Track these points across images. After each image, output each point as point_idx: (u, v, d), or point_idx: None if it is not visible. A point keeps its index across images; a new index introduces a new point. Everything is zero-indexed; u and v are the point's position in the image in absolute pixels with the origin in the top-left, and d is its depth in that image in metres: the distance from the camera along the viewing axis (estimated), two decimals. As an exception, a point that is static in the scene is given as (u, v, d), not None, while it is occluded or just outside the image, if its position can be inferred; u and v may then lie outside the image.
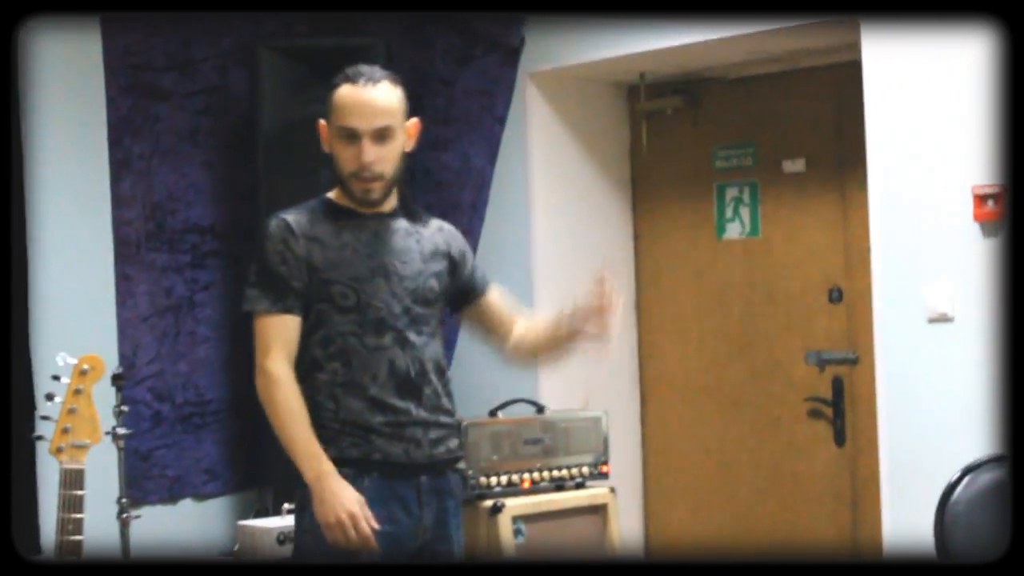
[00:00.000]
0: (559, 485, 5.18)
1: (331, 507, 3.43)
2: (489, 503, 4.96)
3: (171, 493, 5.52)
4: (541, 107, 5.80)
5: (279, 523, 4.76)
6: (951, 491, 3.76)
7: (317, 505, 3.46)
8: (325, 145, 3.65)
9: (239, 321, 4.95)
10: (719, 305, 5.87)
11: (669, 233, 6.02)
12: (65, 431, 3.93)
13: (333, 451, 3.53)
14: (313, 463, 3.48)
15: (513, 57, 5.74)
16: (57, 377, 3.94)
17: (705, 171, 5.91)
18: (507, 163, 5.81)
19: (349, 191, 3.63)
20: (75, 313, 5.20)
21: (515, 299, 4.00)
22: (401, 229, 3.69)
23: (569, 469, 5.22)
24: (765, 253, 5.73)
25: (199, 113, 5.62)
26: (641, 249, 6.10)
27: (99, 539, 4.55)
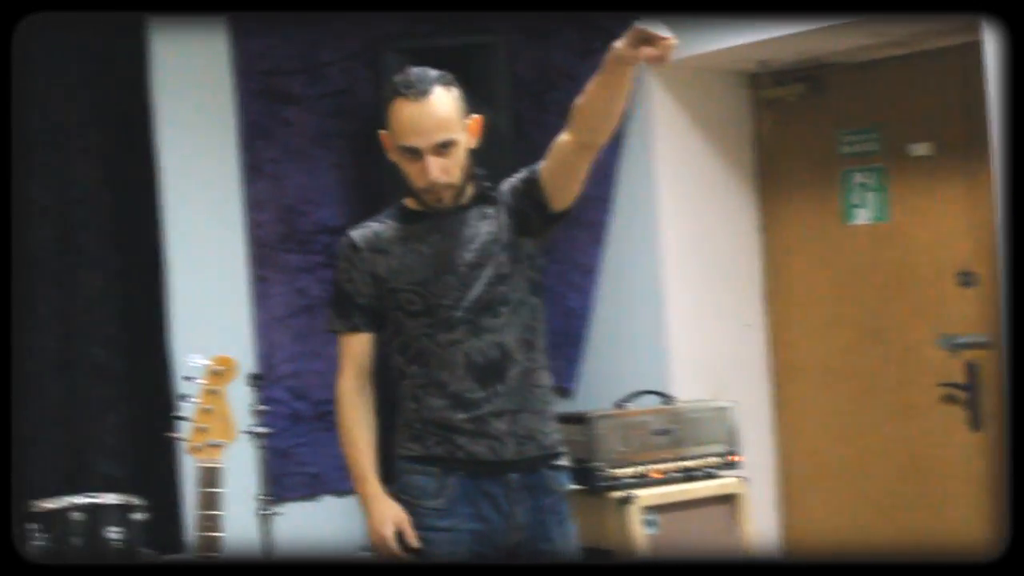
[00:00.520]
0: (689, 476, 5.20)
1: (371, 528, 3.58)
2: (619, 495, 4.99)
3: (311, 490, 5.62)
4: (663, 98, 5.77)
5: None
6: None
7: (368, 520, 3.60)
8: (390, 155, 3.62)
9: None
10: (848, 292, 5.82)
11: (795, 220, 5.99)
12: (201, 431, 3.99)
13: (419, 449, 3.59)
14: (359, 484, 3.63)
15: None
16: (191, 378, 4.05)
17: (830, 157, 5.86)
18: (631, 155, 5.79)
19: (421, 201, 3.62)
20: (212, 315, 5.34)
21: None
22: (473, 216, 3.64)
23: (699, 459, 5.24)
24: (893, 238, 5.68)
25: (327, 116, 5.73)
26: (768, 237, 6.07)
27: (240, 536, 4.65)
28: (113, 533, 4.39)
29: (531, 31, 5.95)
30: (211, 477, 4.01)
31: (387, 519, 3.54)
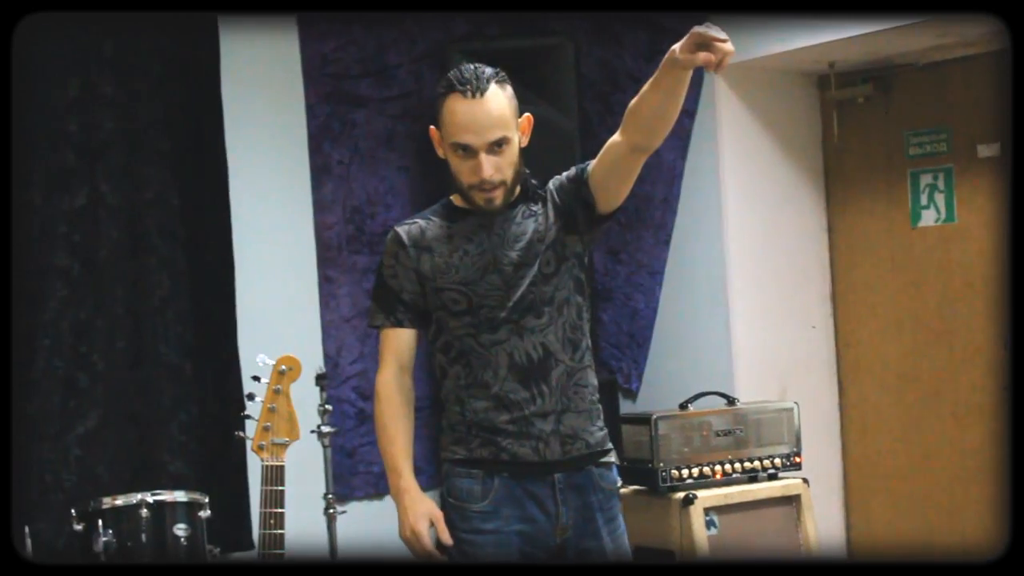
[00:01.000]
0: (751, 476, 5.21)
1: (403, 524, 3.53)
2: (681, 495, 5.00)
3: (377, 489, 5.61)
4: (730, 99, 5.78)
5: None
6: None
7: (399, 515, 3.55)
8: (439, 151, 3.58)
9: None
10: (916, 293, 5.82)
11: (862, 222, 5.99)
12: (265, 429, 4.07)
13: (463, 451, 3.56)
14: (393, 478, 3.57)
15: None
16: (257, 378, 4.08)
17: (898, 158, 5.86)
18: (697, 156, 5.80)
19: (470, 200, 3.55)
20: (280, 315, 5.36)
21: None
22: (519, 214, 3.58)
23: (761, 460, 5.24)
24: (961, 239, 5.67)
25: (395, 118, 5.73)
26: (834, 238, 6.08)
27: (306, 534, 4.74)
28: (179, 530, 4.38)
29: (598, 33, 5.95)
30: (275, 475, 4.08)
31: (420, 514, 3.50)
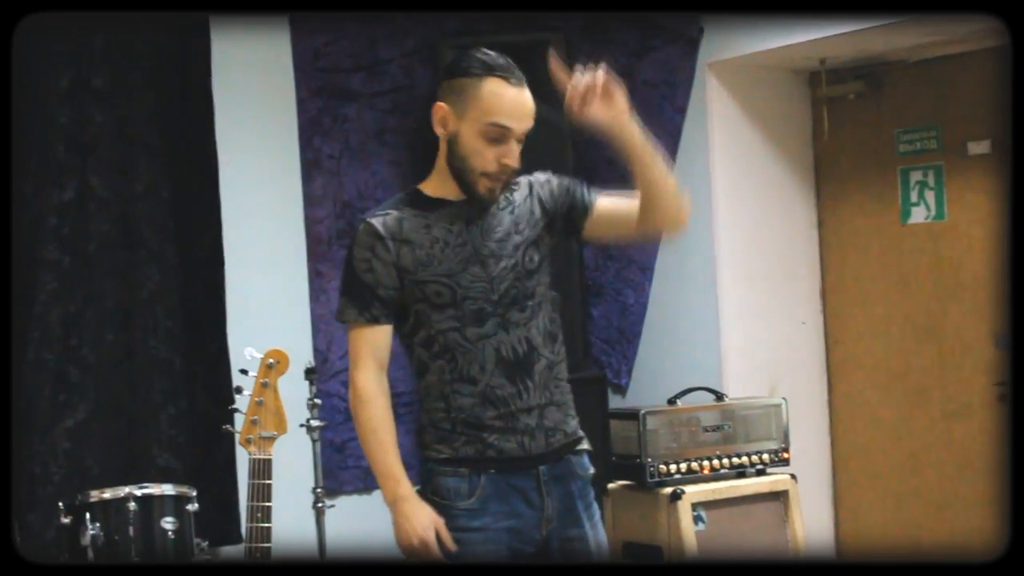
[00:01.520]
0: (740, 472, 5.22)
1: (405, 532, 3.42)
2: (668, 490, 5.01)
3: (366, 484, 5.62)
4: (721, 96, 5.79)
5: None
6: None
7: (395, 528, 3.44)
8: (441, 129, 3.50)
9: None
10: (905, 290, 5.83)
11: (852, 219, 6.01)
12: (253, 423, 4.05)
13: (448, 450, 3.49)
14: (390, 484, 3.45)
15: (692, 47, 5.75)
16: (245, 371, 4.08)
17: (888, 156, 5.87)
18: (688, 153, 5.81)
19: (468, 185, 3.49)
20: (270, 310, 5.37)
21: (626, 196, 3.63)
22: (471, 215, 3.52)
23: (749, 456, 5.25)
24: (952, 237, 5.69)
25: (386, 112, 5.74)
26: (824, 235, 6.10)
27: (295, 529, 4.77)
28: (167, 524, 4.39)
29: (590, 29, 5.95)
30: (262, 469, 4.07)
31: (426, 524, 3.42)
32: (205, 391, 5.18)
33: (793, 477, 5.27)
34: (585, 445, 3.65)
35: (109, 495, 4.37)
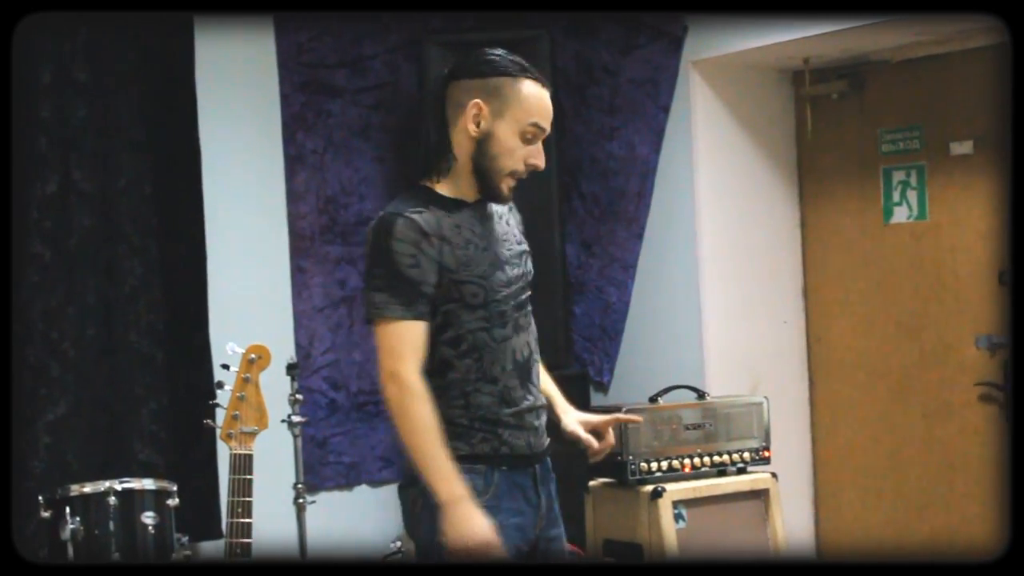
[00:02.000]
0: (720, 470, 5.23)
1: (462, 534, 3.35)
2: (649, 488, 5.02)
3: (347, 480, 5.69)
4: (705, 94, 5.79)
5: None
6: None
7: (449, 528, 3.35)
8: (474, 127, 3.47)
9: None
10: (887, 289, 5.84)
11: (835, 218, 6.02)
12: (234, 418, 4.12)
13: (464, 447, 3.46)
14: (448, 484, 3.37)
15: (676, 45, 5.75)
16: (227, 366, 4.13)
17: (871, 155, 5.88)
18: (672, 151, 5.82)
19: (492, 185, 3.50)
20: (252, 305, 5.41)
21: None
22: (494, 214, 3.59)
23: (731, 454, 5.26)
24: (933, 236, 5.69)
25: (370, 108, 5.78)
26: (807, 234, 6.11)
27: (275, 524, 4.81)
28: (147, 518, 4.43)
29: (575, 27, 5.99)
30: (243, 464, 4.13)
31: (478, 529, 3.35)
32: (186, 386, 5.20)
33: (774, 475, 5.27)
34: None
35: (89, 489, 4.41)
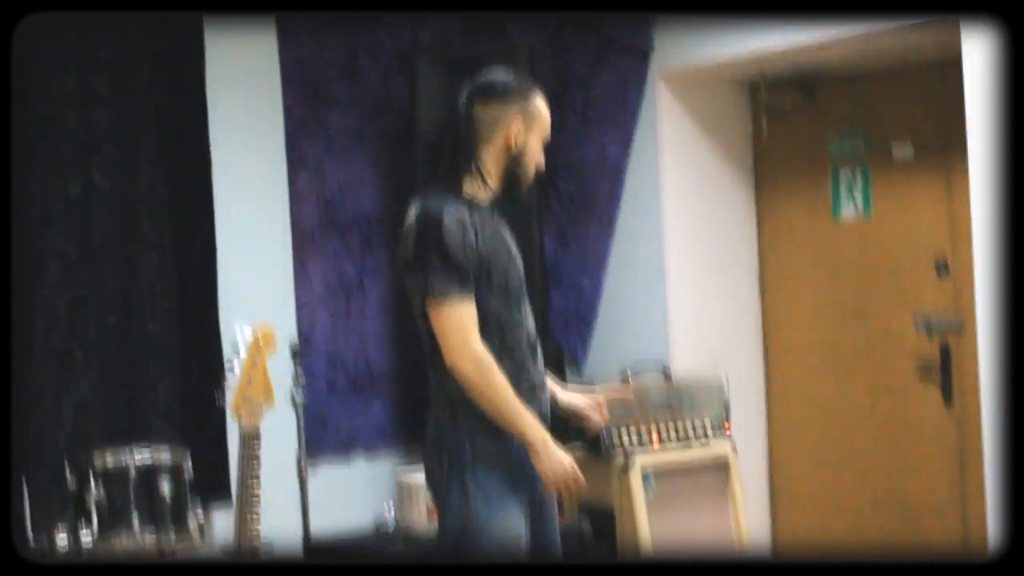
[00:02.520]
0: (685, 444, 5.37)
1: (560, 463, 3.61)
2: (621, 458, 5.20)
3: (345, 453, 5.79)
4: (670, 103, 5.95)
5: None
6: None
7: (546, 460, 3.61)
8: (512, 143, 3.78)
9: (402, 301, 4.78)
10: (835, 278, 5.95)
11: (789, 214, 6.13)
12: (243, 395, 4.28)
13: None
14: (536, 430, 3.63)
15: (644, 59, 5.86)
16: (236, 349, 4.31)
17: (821, 158, 6.02)
18: (640, 155, 5.94)
19: (520, 188, 3.82)
20: (258, 295, 5.49)
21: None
22: (496, 215, 3.83)
23: (695, 427, 5.41)
24: (876, 231, 5.82)
25: (365, 116, 5.87)
26: (763, 229, 6.22)
27: (282, 490, 4.99)
28: (165, 487, 4.54)
29: (552, 41, 6.08)
30: (252, 436, 4.28)
31: (567, 457, 3.65)
32: (198, 367, 5.27)
33: (733, 448, 5.45)
34: None
35: (111, 460, 4.51)
